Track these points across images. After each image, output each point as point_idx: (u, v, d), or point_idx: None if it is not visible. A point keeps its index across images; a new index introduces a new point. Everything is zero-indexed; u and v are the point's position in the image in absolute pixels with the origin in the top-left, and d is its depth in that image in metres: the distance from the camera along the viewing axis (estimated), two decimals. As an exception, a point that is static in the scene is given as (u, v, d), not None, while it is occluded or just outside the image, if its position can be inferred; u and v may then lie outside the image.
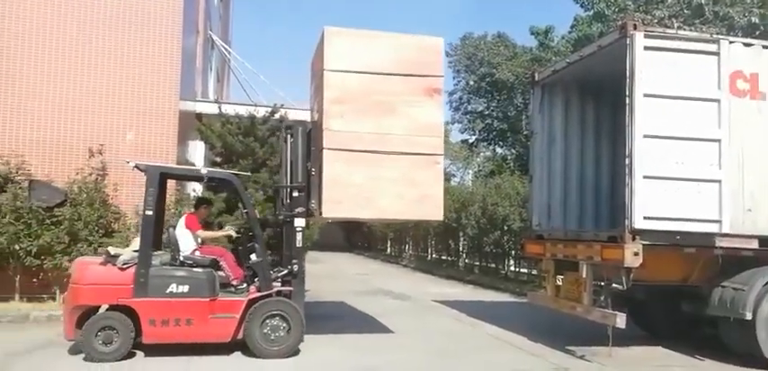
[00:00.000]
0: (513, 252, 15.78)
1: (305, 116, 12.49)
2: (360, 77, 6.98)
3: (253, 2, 64.16)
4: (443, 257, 21.08)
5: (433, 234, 21.42)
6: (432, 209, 7.21)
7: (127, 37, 10.07)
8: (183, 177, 8.84)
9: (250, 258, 6.81)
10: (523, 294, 11.60)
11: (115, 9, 10.04)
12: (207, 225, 7.74)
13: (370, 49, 7.09)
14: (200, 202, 7.84)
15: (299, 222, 6.99)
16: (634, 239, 6.47)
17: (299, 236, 6.95)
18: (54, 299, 9.08)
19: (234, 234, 7.32)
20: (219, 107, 11.28)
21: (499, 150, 33.74)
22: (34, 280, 9.13)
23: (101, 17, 9.97)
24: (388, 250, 28.12)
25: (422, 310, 10.81)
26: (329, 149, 6.86)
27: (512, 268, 16.22)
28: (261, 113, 11.05)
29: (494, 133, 33.07)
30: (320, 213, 7.02)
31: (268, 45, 68.53)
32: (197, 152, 13.16)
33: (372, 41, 7.17)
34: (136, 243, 6.58)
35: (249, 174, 9.46)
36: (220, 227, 8.12)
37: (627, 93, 6.65)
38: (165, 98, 10.22)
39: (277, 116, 11.13)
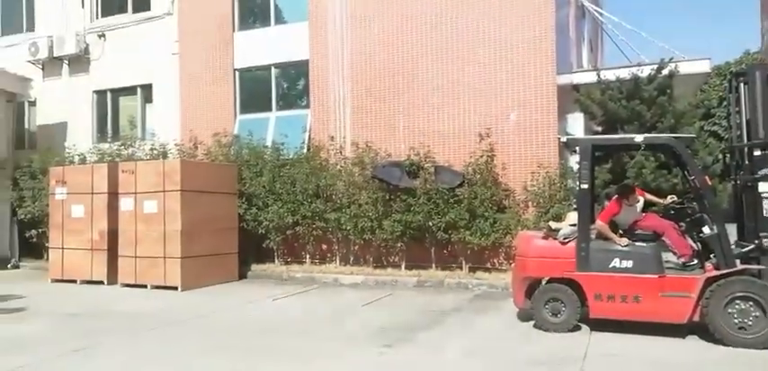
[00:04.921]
0: None
1: (702, 67, 10.80)
2: None
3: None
4: None
5: None
6: None
7: (504, 24, 10.65)
8: (617, 148, 8.49)
9: (701, 232, 6.03)
10: None
11: (492, 1, 10.75)
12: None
13: None
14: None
15: (765, 187, 5.87)
16: None
17: (765, 204, 5.84)
18: (461, 268, 10.39)
19: (673, 203, 6.70)
20: (598, 74, 10.76)
21: None
22: (445, 251, 10.68)
23: (481, 11, 10.83)
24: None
25: None
26: None
27: None
28: (645, 72, 10.09)
29: None
30: None
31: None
32: (576, 124, 12.94)
33: None
34: (572, 217, 6.52)
35: (693, 136, 8.62)
36: (608, 198, 7.70)
37: None
38: (542, 75, 10.38)
39: (665, 71, 9.95)
